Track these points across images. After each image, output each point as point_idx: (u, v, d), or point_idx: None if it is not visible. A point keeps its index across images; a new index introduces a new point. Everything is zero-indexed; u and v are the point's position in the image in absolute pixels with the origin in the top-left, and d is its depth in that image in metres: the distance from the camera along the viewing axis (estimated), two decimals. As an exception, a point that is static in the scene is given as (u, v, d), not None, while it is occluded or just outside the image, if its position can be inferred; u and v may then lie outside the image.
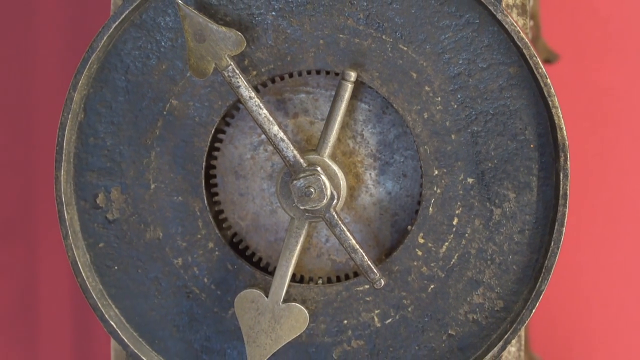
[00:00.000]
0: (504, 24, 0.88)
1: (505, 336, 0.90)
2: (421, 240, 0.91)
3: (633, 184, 1.17)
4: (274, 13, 0.90)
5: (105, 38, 0.90)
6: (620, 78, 1.16)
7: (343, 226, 0.89)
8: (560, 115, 0.88)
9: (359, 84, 0.91)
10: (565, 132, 0.88)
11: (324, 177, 0.89)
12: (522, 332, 0.94)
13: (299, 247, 0.90)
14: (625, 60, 1.16)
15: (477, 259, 0.91)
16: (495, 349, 0.90)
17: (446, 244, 0.91)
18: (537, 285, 0.89)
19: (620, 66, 1.16)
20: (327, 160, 0.90)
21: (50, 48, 1.20)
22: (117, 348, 0.97)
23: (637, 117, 1.16)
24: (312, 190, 0.89)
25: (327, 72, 0.92)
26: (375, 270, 0.89)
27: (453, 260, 0.91)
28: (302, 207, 0.89)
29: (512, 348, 0.94)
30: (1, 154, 1.21)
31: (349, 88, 0.89)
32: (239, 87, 0.88)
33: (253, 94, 0.88)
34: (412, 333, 0.92)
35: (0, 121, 1.21)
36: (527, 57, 0.88)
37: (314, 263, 0.94)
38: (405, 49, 0.89)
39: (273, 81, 0.92)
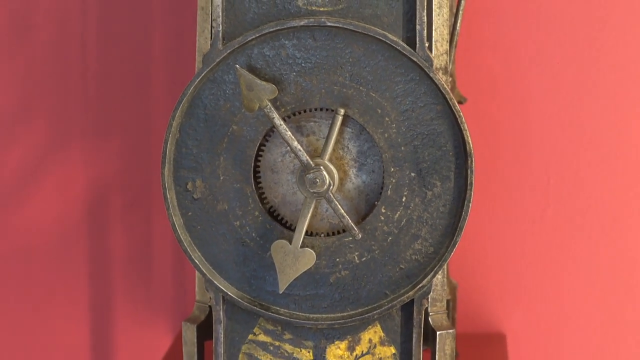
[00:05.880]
0: (434, 79, 0.88)
1: (435, 268, 0.90)
2: (383, 211, 0.91)
3: (515, 177, 1.18)
4: (294, 73, 0.90)
5: (192, 87, 0.90)
6: (504, 112, 1.17)
7: (336, 202, 0.90)
8: (468, 135, 0.89)
9: (346, 117, 0.90)
10: (471, 145, 0.89)
11: (324, 173, 0.89)
12: (445, 266, 0.94)
13: (309, 215, 0.90)
14: (507, 101, 1.17)
15: (417, 222, 0.91)
16: (429, 277, 0.90)
17: (398, 212, 0.91)
18: (454, 238, 0.90)
19: (503, 105, 1.17)
20: (326, 162, 0.90)
21: (162, 92, 1.21)
22: (199, 276, 0.97)
23: (514, 133, 1.17)
24: (318, 180, 0.89)
25: (327, 109, 0.91)
26: (355, 229, 0.90)
27: (402, 222, 0.91)
28: (311, 191, 0.90)
29: (439, 276, 0.93)
30: (133, 159, 1.21)
31: (339, 119, 0.89)
32: (273, 118, 0.89)
33: (282, 122, 0.89)
34: (378, 267, 0.91)
35: (133, 139, 1.21)
36: (448, 99, 0.88)
37: (318, 224, 0.93)
38: (373, 95, 0.89)
39: (294, 114, 0.91)
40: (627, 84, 1.16)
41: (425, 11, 0.88)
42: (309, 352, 0.94)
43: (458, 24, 0.96)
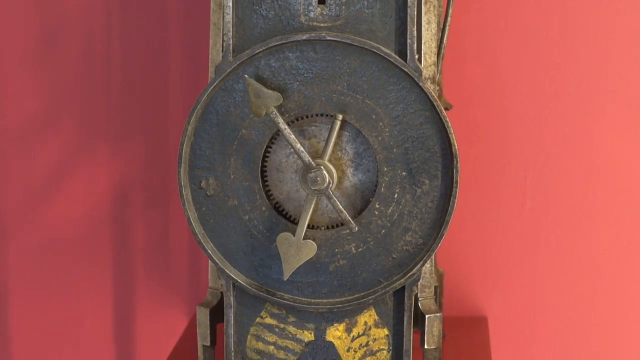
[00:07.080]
0: (423, 88, 0.89)
1: (424, 258, 0.91)
2: (377, 206, 0.92)
3: (496, 175, 1.18)
4: (297, 82, 0.90)
5: (205, 95, 0.90)
6: (486, 117, 1.17)
7: (335, 198, 0.91)
8: (454, 138, 0.89)
9: (343, 122, 0.90)
10: (456, 147, 0.89)
11: (324, 172, 0.90)
12: (433, 256, 0.93)
13: (311, 210, 0.91)
14: (489, 107, 1.17)
15: (408, 216, 0.91)
16: (419, 266, 0.91)
17: (391, 207, 0.91)
18: (441, 230, 0.90)
19: (486, 111, 1.17)
20: (326, 162, 0.91)
21: (179, 99, 1.21)
22: (212, 265, 0.97)
23: (495, 136, 1.17)
24: (318, 179, 0.90)
25: (327, 115, 0.91)
26: (352, 222, 0.91)
27: (395, 217, 0.91)
28: (313, 188, 0.90)
29: (427, 265, 0.93)
30: (153, 159, 1.21)
31: (338, 124, 0.90)
32: (279, 122, 0.89)
33: (286, 126, 0.90)
34: (372, 256, 0.92)
35: (152, 141, 1.21)
36: (436, 106, 0.89)
37: (319, 218, 0.93)
38: (369, 102, 0.90)
39: (297, 119, 0.92)
40: (598, 89, 1.17)
41: (415, 27, 0.89)
42: (310, 333, 0.95)
43: (445, 38, 0.96)
